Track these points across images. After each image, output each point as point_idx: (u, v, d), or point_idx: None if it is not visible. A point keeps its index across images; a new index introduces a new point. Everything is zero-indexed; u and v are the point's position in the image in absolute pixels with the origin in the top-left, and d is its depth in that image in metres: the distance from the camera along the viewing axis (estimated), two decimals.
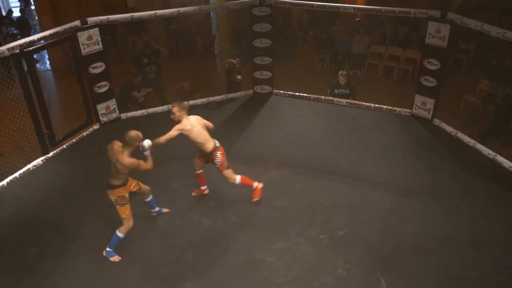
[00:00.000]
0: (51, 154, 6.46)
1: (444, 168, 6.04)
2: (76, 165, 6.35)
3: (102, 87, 6.97)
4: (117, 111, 7.32)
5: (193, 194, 5.61)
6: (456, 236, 4.92)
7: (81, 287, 4.41)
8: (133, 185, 4.81)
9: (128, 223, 4.68)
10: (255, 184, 5.42)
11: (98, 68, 6.80)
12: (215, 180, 5.88)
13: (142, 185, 4.97)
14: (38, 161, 6.32)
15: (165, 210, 5.37)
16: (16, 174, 6.03)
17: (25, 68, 5.94)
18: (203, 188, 5.63)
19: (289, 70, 8.66)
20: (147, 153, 4.58)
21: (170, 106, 5.37)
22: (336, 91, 7.84)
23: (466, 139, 6.54)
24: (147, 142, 4.57)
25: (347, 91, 7.80)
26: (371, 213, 5.26)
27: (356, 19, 10.49)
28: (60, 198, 5.63)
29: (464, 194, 5.55)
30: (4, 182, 5.88)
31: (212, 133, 7.01)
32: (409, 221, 5.13)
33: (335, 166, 6.15)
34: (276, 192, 5.65)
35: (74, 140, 6.77)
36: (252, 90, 8.17)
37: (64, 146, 6.63)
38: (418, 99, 7.09)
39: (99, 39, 6.65)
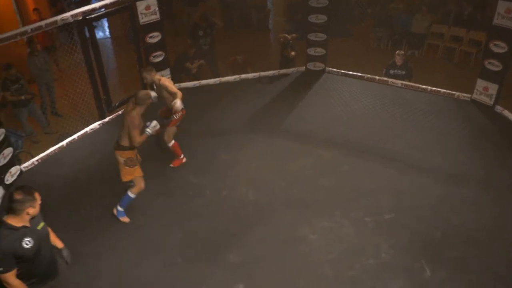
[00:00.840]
0: (107, 119, 6.70)
1: (502, 159, 5.71)
2: None
3: (158, 57, 7.09)
4: None
5: (172, 165, 5.69)
6: (508, 230, 4.68)
7: (126, 248, 4.60)
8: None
9: (140, 185, 4.75)
10: (182, 156, 5.70)
11: (154, 37, 6.91)
12: (263, 157, 5.90)
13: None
14: (96, 125, 6.57)
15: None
16: (75, 136, 6.32)
17: (87, 35, 6.13)
18: (181, 157, 5.75)
19: (344, 47, 8.42)
20: (148, 132, 4.62)
21: (218, 79, 5.48)
22: (392, 72, 7.55)
23: None
24: (154, 123, 4.66)
25: (403, 72, 7.49)
26: (419, 200, 5.10)
27: None
28: (114, 161, 5.83)
29: None
30: (64, 143, 6.18)
31: (263, 109, 7.05)
32: (458, 211, 4.93)
33: (385, 149, 5.98)
34: (322, 172, 5.58)
35: None
36: (304, 67, 8.04)
37: (120, 112, 6.84)
38: (480, 83, 6.70)
39: (157, 9, 6.73)
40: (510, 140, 6.06)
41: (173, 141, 5.61)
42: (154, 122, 4.67)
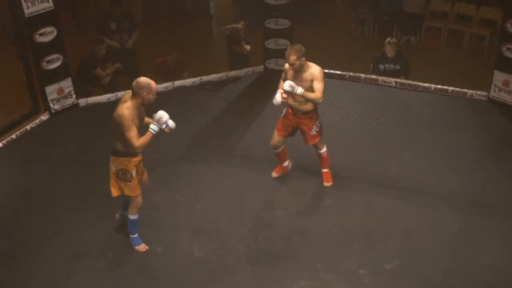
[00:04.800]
0: None
1: None
2: (17, 172, 6.38)
3: (53, 62, 6.99)
4: (74, 96, 7.35)
5: (274, 175, 6.07)
6: None
7: None
8: (141, 165, 4.98)
9: (136, 201, 4.95)
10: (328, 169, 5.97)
11: (47, 35, 6.82)
12: (213, 192, 5.89)
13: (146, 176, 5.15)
14: None
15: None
16: None
17: None
18: (285, 164, 6.04)
19: (315, 37, 8.61)
20: (152, 130, 4.60)
21: None
22: (382, 67, 7.79)
23: None
24: (160, 115, 4.61)
25: (397, 67, 7.75)
26: (431, 239, 5.22)
27: None
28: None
29: None
30: None
31: (208, 127, 7.07)
32: (485, 251, 5.07)
33: (379, 174, 6.12)
34: (297, 209, 5.63)
35: (14, 136, 6.81)
36: (262, 66, 8.16)
37: (0, 144, 6.67)
38: (499, 76, 7.03)
39: None
40: None
41: (325, 146, 5.86)
42: (160, 114, 4.62)
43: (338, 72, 7.95)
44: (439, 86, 7.45)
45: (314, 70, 5.36)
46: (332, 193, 5.83)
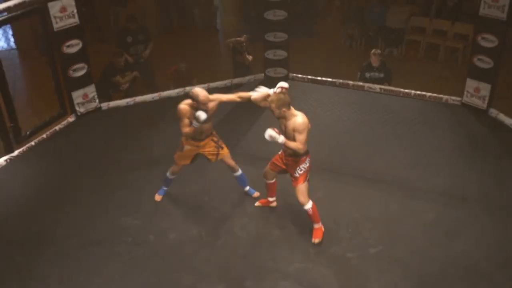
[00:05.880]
0: (16, 152, 6.51)
1: (502, 171, 5.99)
2: (47, 167, 6.40)
3: (79, 70, 7.01)
4: (97, 100, 7.37)
5: (257, 204, 5.67)
6: None
7: None
8: (208, 149, 5.39)
9: (174, 166, 5.53)
10: (319, 224, 5.13)
11: (73, 46, 6.84)
12: (219, 185, 5.90)
13: (227, 157, 5.49)
14: (1, 161, 6.38)
15: (256, 194, 5.74)
16: None
17: None
18: (271, 199, 5.61)
19: (309, 49, 8.62)
20: (195, 124, 5.09)
21: (157, 94, 5.49)
22: (368, 75, 7.80)
23: None
24: (203, 115, 5.03)
25: (381, 75, 7.76)
26: (411, 227, 5.23)
27: None
28: (26, 209, 5.68)
29: None
30: None
31: (215, 125, 7.04)
32: (457, 237, 5.09)
33: (365, 169, 6.13)
34: (292, 201, 5.61)
35: (44, 136, 6.83)
36: (263, 74, 8.16)
37: (32, 143, 6.69)
38: (470, 84, 7.03)
39: (75, 11, 6.68)
40: (508, 148, 6.37)
41: (311, 202, 5.03)
42: (199, 114, 5.05)
43: (329, 79, 7.95)
44: (418, 92, 7.46)
45: (297, 120, 4.71)
46: (323, 187, 5.82)
